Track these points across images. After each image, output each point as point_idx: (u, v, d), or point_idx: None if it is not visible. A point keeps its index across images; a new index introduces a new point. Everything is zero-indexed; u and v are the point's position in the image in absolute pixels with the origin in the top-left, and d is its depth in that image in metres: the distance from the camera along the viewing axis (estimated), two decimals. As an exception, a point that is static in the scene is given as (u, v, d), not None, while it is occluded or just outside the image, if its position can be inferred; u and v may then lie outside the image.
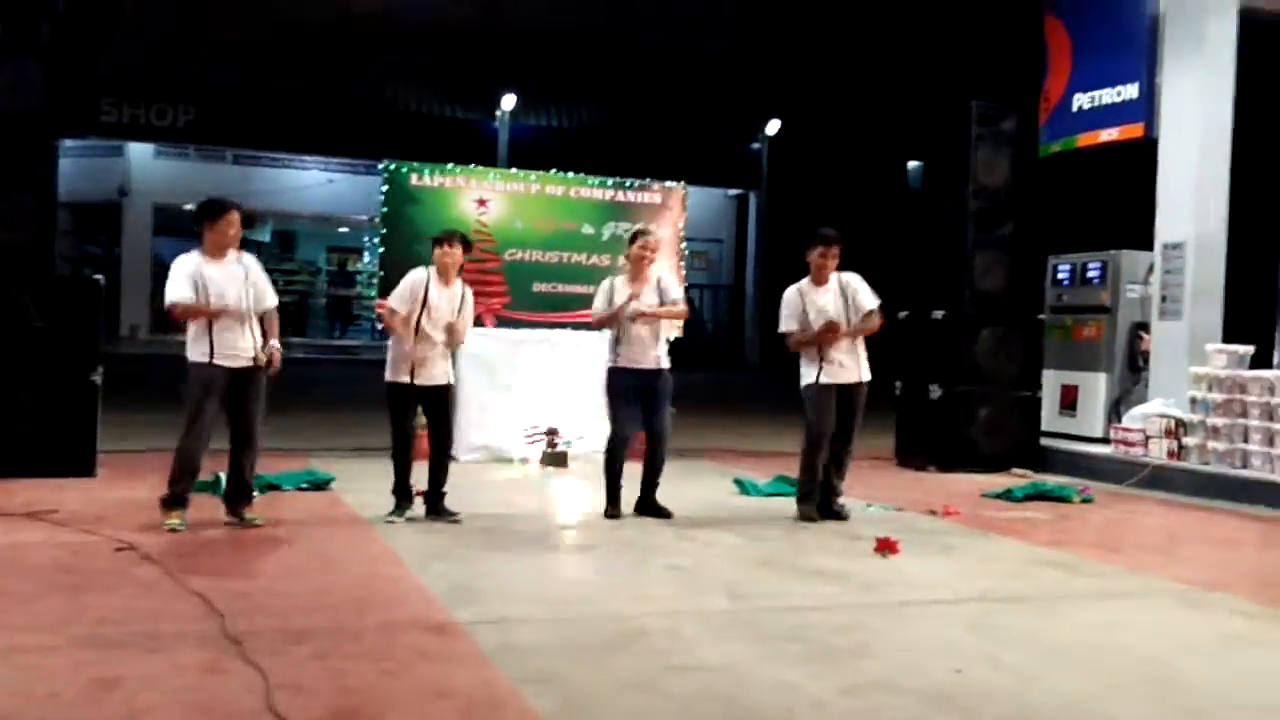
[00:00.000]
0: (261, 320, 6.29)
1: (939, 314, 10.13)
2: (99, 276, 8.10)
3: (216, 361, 6.11)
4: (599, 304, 7.05)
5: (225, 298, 6.13)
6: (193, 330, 6.15)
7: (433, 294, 6.70)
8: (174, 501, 6.15)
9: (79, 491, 7.22)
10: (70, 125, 19.87)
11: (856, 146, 27.07)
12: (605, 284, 7.13)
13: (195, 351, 6.14)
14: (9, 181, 7.84)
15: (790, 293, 7.19)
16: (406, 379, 6.67)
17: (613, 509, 6.98)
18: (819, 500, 7.14)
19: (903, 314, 10.28)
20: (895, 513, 7.53)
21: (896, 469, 10.06)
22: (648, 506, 7.07)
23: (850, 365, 7.10)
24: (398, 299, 6.72)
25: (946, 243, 10.47)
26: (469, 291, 6.90)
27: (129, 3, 22.13)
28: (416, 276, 6.77)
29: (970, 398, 10.00)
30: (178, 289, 6.10)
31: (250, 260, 6.36)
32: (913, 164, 29.47)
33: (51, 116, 8.01)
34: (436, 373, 6.71)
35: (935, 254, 10.76)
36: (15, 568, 5.17)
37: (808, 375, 7.12)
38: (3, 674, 3.66)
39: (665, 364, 7.06)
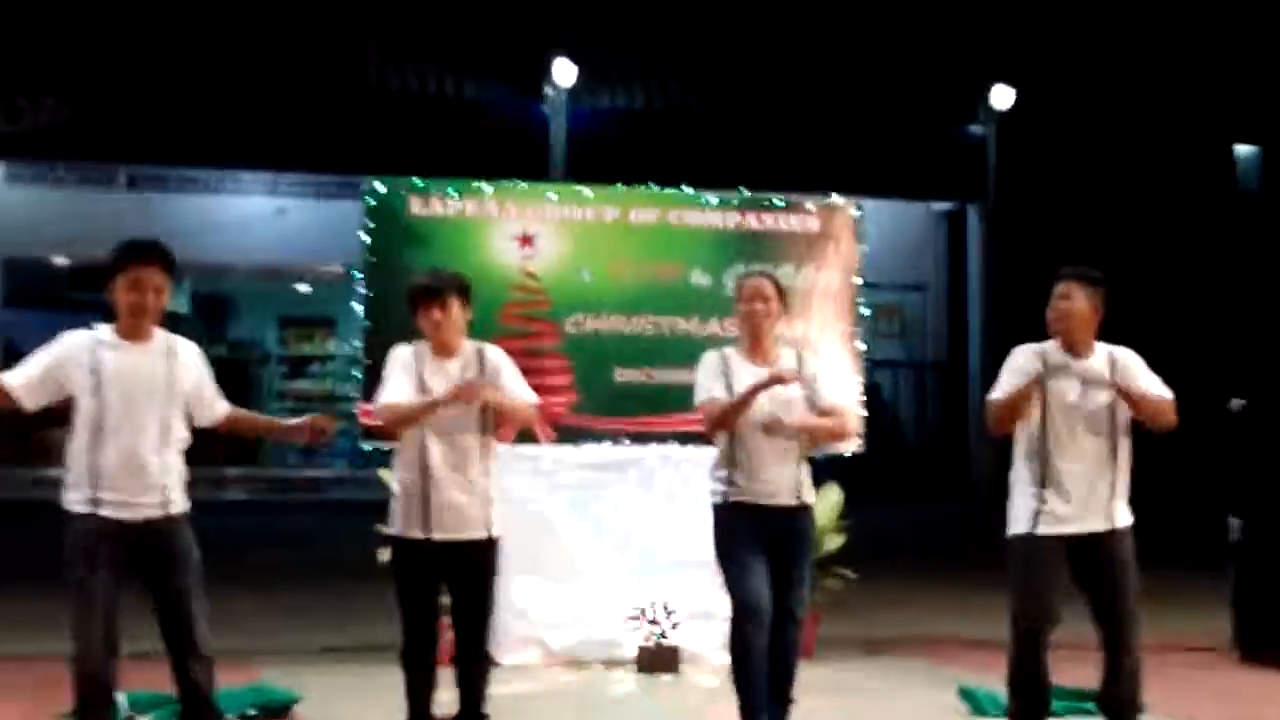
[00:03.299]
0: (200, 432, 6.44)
1: (1301, 401, 10.02)
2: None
3: (103, 511, 6.24)
4: (709, 387, 7.11)
5: (108, 403, 6.21)
6: (68, 458, 6.29)
7: (430, 379, 6.77)
8: None
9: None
10: None
11: (1144, 125, 26.92)
12: (711, 359, 7.22)
13: (72, 495, 6.27)
14: None
15: (1025, 354, 7.06)
16: (419, 532, 6.75)
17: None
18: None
19: (1237, 402, 10.16)
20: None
21: (1236, 667, 9.82)
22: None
23: (1088, 503, 6.87)
24: (389, 388, 6.83)
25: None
26: (491, 350, 6.95)
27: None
28: (401, 357, 6.86)
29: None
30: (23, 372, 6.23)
31: (187, 349, 6.50)
32: (1243, 149, 29.23)
33: None
34: (468, 518, 6.77)
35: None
36: None
37: (1017, 520, 7.00)
38: None
39: (808, 496, 7.17)
